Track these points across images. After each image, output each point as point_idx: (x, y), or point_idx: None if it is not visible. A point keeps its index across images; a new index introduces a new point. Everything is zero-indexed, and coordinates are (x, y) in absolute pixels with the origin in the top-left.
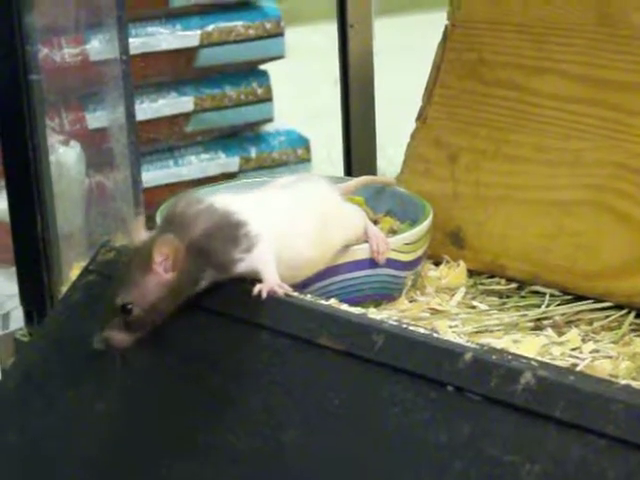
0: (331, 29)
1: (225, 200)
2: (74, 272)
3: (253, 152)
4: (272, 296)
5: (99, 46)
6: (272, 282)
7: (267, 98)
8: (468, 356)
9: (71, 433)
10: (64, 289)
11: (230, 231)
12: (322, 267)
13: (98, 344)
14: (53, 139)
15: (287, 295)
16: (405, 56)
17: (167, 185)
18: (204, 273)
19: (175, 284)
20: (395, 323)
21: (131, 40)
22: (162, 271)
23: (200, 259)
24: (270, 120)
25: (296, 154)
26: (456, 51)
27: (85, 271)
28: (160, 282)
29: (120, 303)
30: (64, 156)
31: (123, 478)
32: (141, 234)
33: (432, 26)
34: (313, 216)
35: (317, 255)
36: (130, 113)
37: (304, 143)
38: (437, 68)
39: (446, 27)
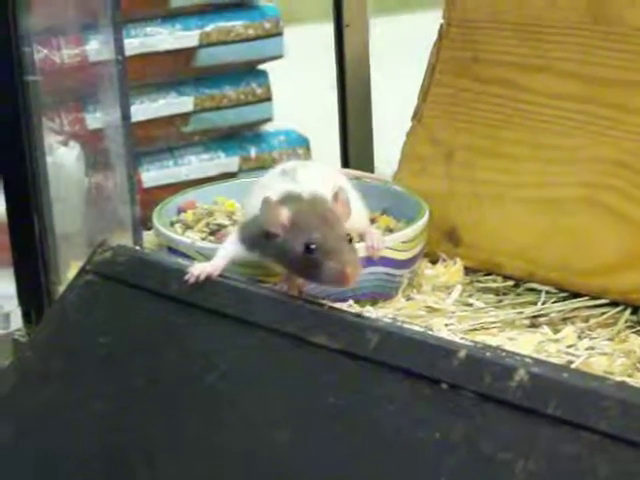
0: (330, 29)
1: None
2: (72, 272)
3: (253, 152)
4: (266, 295)
5: (98, 47)
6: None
7: (266, 98)
8: (462, 354)
9: (68, 432)
10: (62, 289)
11: None
12: None
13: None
14: (52, 140)
15: (282, 293)
16: (401, 55)
17: (167, 185)
18: None
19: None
20: (390, 321)
21: (130, 40)
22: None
23: None
24: (269, 120)
25: (296, 153)
26: (451, 50)
27: (82, 271)
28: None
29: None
30: (63, 157)
31: (119, 477)
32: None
33: (428, 25)
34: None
35: None
36: (125, 114)
37: (304, 142)
38: (432, 67)
39: (441, 26)
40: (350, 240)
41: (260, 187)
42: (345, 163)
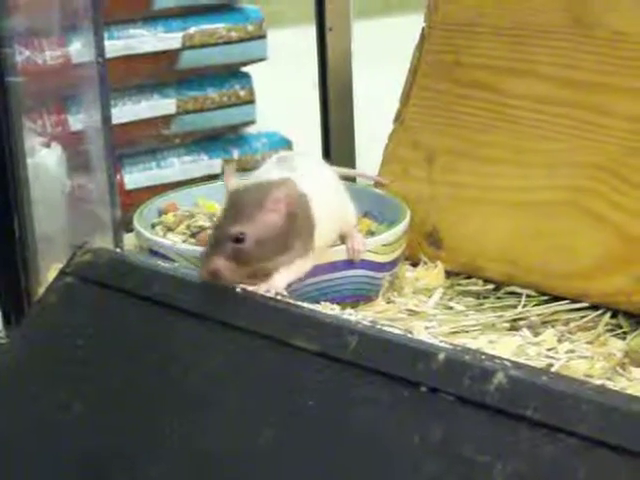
0: (313, 32)
1: (308, 189)
2: (52, 274)
3: (236, 154)
4: (246, 297)
5: (80, 48)
6: (277, 286)
7: (249, 100)
8: (441, 356)
9: (47, 435)
10: (42, 291)
11: (309, 226)
12: None
13: (205, 273)
14: (34, 141)
15: (261, 296)
16: (383, 58)
17: (149, 187)
18: (290, 247)
19: (281, 231)
20: (369, 324)
21: (113, 42)
22: (274, 212)
23: (291, 231)
24: (252, 122)
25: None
26: (433, 53)
27: (61, 273)
28: (272, 222)
29: (234, 233)
30: (45, 158)
31: (98, 477)
32: (232, 180)
33: (410, 29)
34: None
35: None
36: (106, 115)
37: (287, 145)
38: (414, 70)
39: (423, 29)
40: (237, 239)
41: (255, 178)
42: None
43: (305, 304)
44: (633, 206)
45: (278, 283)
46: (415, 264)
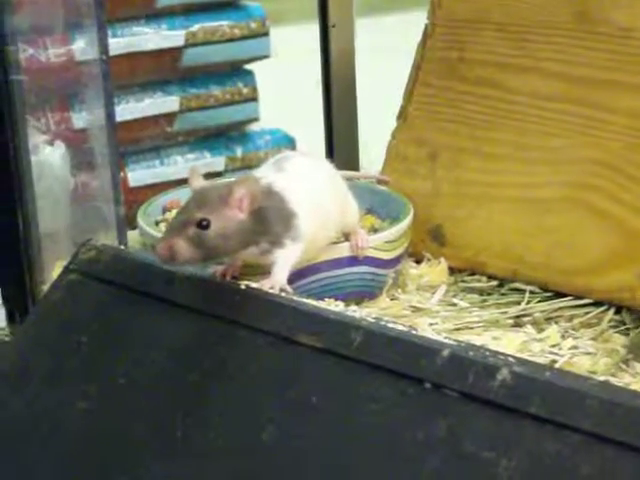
0: (316, 29)
1: (283, 184)
2: (56, 271)
3: (239, 151)
4: (251, 294)
5: (83, 46)
6: (279, 281)
7: (253, 98)
8: (445, 353)
9: (51, 432)
10: (46, 288)
11: (287, 217)
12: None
13: (162, 250)
14: (38, 139)
15: (265, 293)
16: (387, 55)
17: (153, 185)
18: (257, 241)
19: (243, 227)
20: (373, 320)
21: (116, 40)
22: (237, 209)
23: (261, 225)
24: (256, 119)
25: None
26: (436, 50)
27: (66, 270)
28: (234, 216)
29: (198, 217)
30: (49, 156)
31: (103, 477)
32: (199, 181)
33: (413, 26)
34: (338, 196)
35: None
36: (110, 113)
37: (290, 142)
38: (417, 67)
39: (426, 26)
40: (200, 224)
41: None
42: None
43: (309, 301)
44: (637, 202)
45: (279, 278)
46: (419, 261)
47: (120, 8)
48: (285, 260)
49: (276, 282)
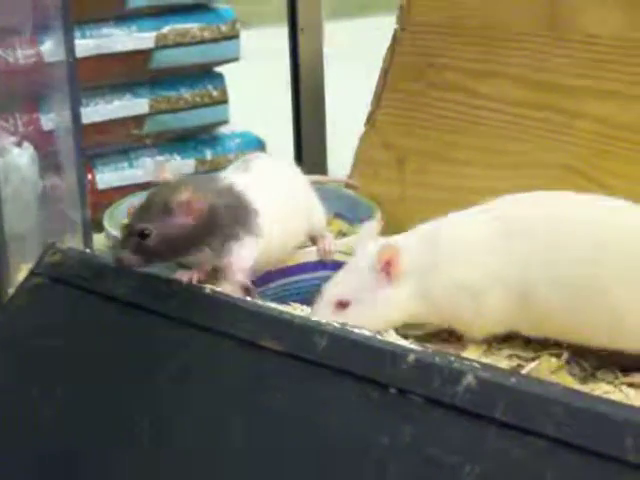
0: (286, 32)
1: (244, 184)
2: (22, 274)
3: (209, 154)
4: (216, 298)
5: (52, 48)
6: (240, 281)
7: (222, 100)
8: (410, 358)
9: (18, 436)
10: (12, 291)
11: (244, 215)
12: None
13: (113, 260)
14: (6, 140)
15: (231, 297)
16: (355, 60)
17: (122, 187)
18: (208, 243)
19: (188, 232)
20: (338, 325)
21: (85, 41)
22: (181, 215)
23: (211, 226)
24: (225, 122)
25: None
26: (405, 55)
27: (31, 273)
28: (177, 223)
29: (139, 228)
30: (17, 157)
31: (69, 476)
32: (167, 175)
33: (382, 30)
34: (304, 200)
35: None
36: (76, 115)
37: (260, 145)
38: (386, 72)
39: (395, 31)
40: (142, 234)
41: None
42: (299, 166)
43: (274, 305)
44: None
45: (239, 278)
46: None
47: (90, 9)
48: (242, 256)
49: (236, 283)
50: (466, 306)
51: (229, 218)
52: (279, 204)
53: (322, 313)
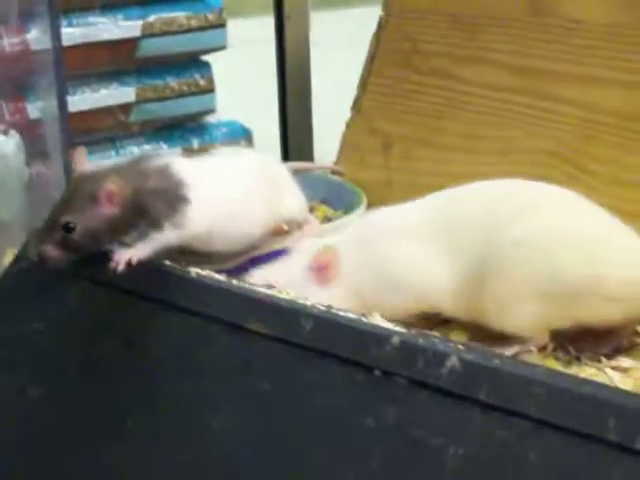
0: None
1: (182, 167)
2: (8, 258)
3: (195, 143)
4: (201, 281)
5: (39, 36)
6: (136, 253)
7: (209, 89)
8: (395, 340)
9: (2, 419)
10: None
11: (172, 200)
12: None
13: (33, 256)
14: None
15: (217, 280)
16: (341, 48)
17: None
18: (137, 226)
19: (114, 221)
20: (324, 308)
21: (72, 30)
22: (106, 204)
23: (139, 210)
24: (212, 111)
25: (239, 145)
26: (390, 41)
27: (16, 259)
28: (102, 214)
29: (63, 221)
30: (3, 145)
31: (54, 463)
32: (84, 164)
33: (369, 19)
34: (267, 186)
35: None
36: (62, 103)
37: (247, 134)
38: (372, 58)
39: (381, 18)
40: (66, 227)
41: None
42: (285, 153)
43: (260, 289)
44: (588, 193)
45: (139, 250)
46: None
47: None
48: (155, 239)
49: (131, 253)
50: (391, 298)
51: (156, 202)
52: (222, 193)
53: None
